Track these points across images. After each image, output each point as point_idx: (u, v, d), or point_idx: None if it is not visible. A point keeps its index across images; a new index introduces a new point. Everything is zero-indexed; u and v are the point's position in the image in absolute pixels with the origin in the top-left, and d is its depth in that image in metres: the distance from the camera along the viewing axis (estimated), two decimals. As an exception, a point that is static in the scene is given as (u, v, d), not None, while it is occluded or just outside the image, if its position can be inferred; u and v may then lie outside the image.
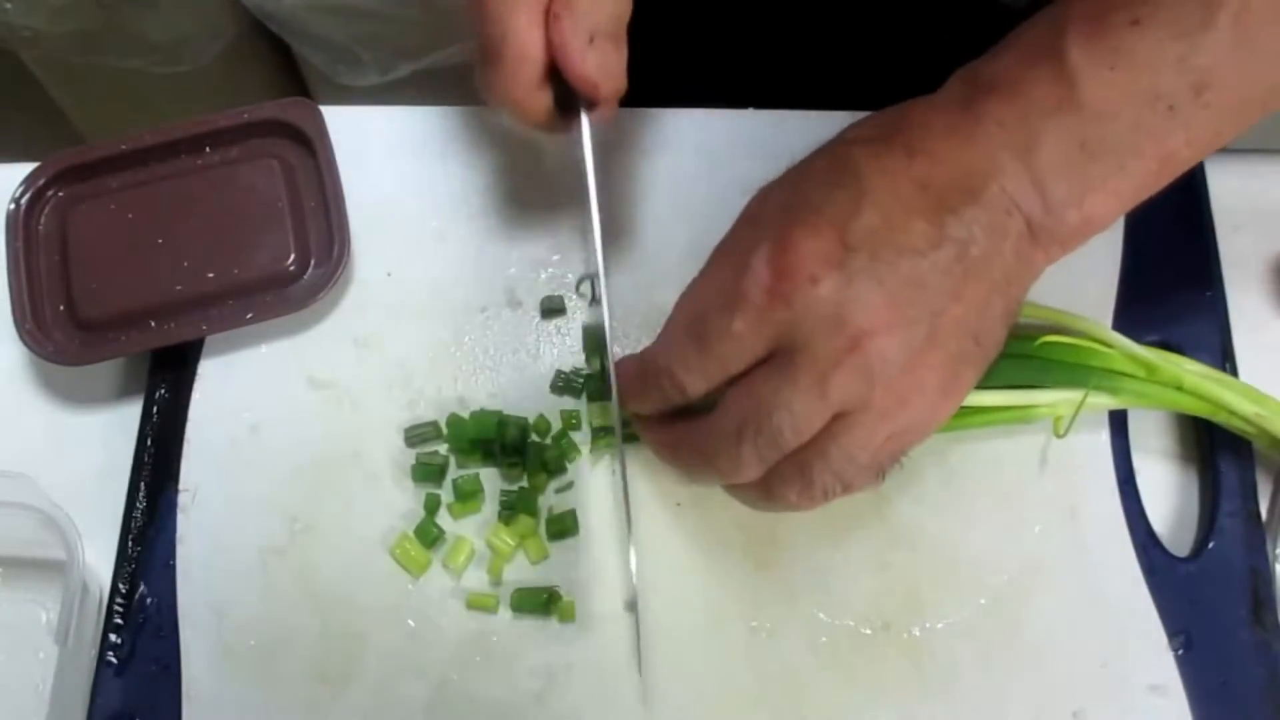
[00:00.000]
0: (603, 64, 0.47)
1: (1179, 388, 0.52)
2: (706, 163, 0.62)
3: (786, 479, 0.43)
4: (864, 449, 0.42)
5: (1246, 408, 0.51)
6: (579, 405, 0.56)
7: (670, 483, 0.54)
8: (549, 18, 0.47)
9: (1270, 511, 0.53)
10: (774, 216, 0.43)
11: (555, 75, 0.48)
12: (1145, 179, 0.42)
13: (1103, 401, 0.52)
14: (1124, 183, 0.41)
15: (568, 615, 0.52)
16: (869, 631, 0.51)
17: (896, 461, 0.44)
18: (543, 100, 0.49)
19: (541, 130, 0.51)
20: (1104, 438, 0.55)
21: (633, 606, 0.51)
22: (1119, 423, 0.55)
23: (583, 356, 0.57)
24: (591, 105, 0.49)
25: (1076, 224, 0.41)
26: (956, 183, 0.41)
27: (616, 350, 0.57)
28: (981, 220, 0.40)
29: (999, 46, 0.43)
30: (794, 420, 0.40)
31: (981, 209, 0.40)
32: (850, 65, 0.70)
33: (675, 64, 0.80)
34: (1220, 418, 0.52)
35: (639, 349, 0.56)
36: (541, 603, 0.51)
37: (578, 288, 0.58)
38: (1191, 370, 0.53)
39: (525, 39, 0.47)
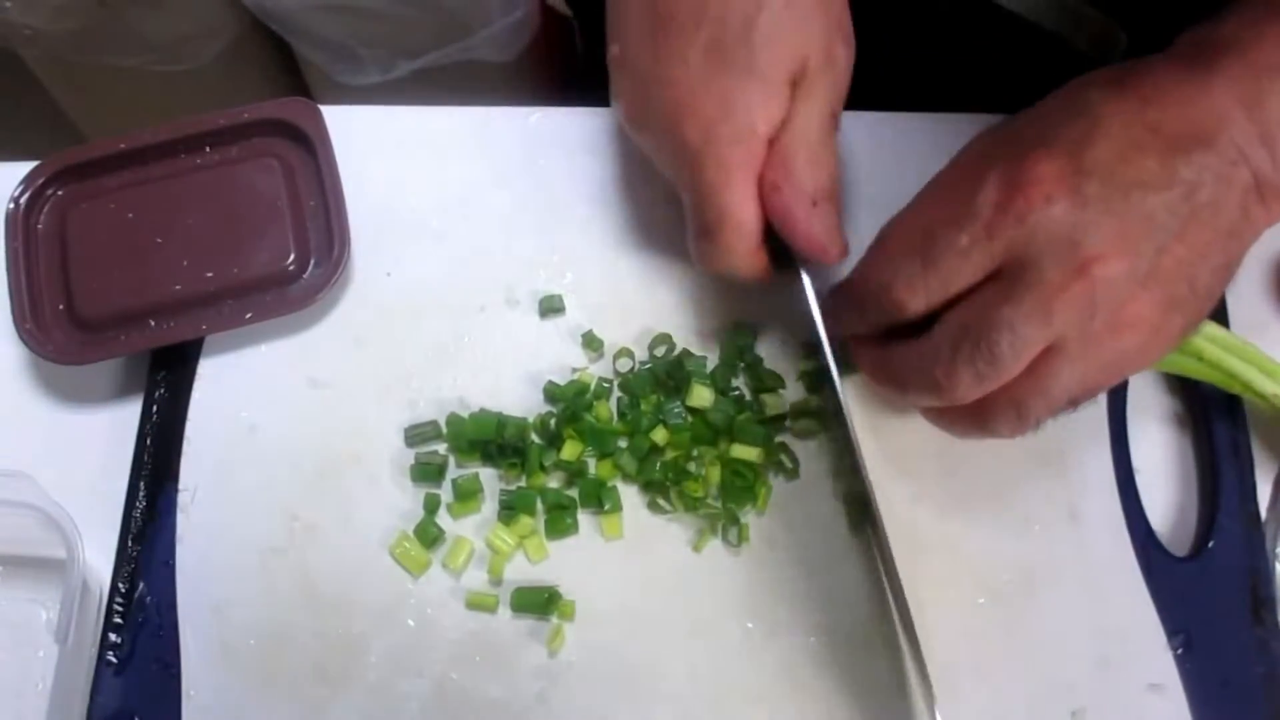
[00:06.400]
0: (826, 226, 0.48)
1: (1199, 358, 0.52)
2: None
3: (1002, 413, 0.43)
4: (1080, 383, 0.42)
5: (1267, 387, 0.51)
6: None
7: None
8: (765, 188, 0.48)
9: (1270, 511, 0.53)
10: (1005, 145, 0.43)
11: (769, 232, 0.49)
12: None
13: None
14: None
15: (567, 615, 0.52)
16: (869, 631, 0.51)
17: (1093, 397, 0.44)
18: (761, 261, 0.50)
19: (757, 284, 0.52)
20: (1104, 437, 0.54)
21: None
22: (1119, 423, 0.55)
23: (580, 354, 0.57)
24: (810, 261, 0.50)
25: None
26: (1188, 130, 0.41)
27: (592, 368, 0.57)
28: (1211, 166, 0.41)
29: (1225, 11, 0.44)
30: (1014, 340, 0.41)
31: (1212, 155, 0.41)
32: (860, 71, 0.70)
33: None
34: (1235, 389, 0.52)
35: (638, 349, 0.57)
36: (541, 603, 0.51)
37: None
38: (1213, 336, 0.52)
39: (743, 214, 0.48)
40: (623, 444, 0.54)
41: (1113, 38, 0.63)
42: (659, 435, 0.54)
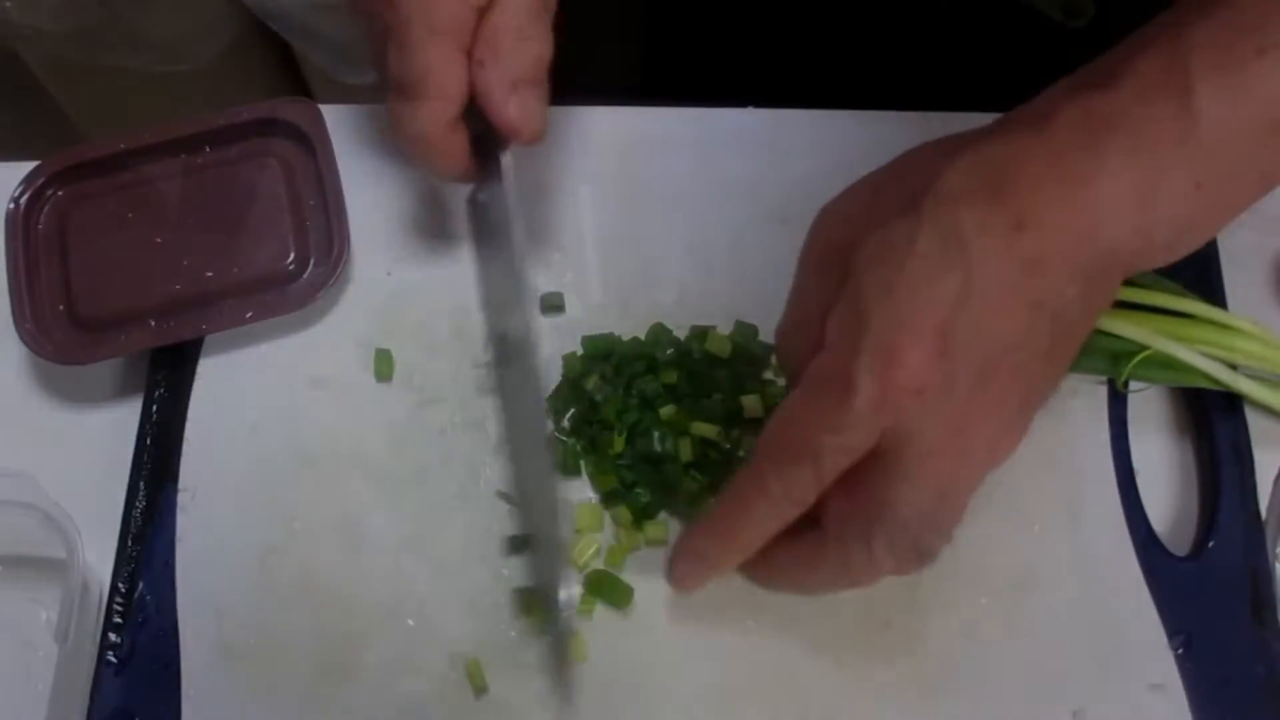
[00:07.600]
0: (525, 110, 0.49)
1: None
2: (705, 161, 0.62)
3: (910, 564, 0.43)
4: (966, 506, 0.43)
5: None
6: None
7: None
8: (472, 64, 0.48)
9: (1270, 511, 0.53)
10: (871, 297, 0.40)
11: (469, 117, 0.49)
12: (1247, 204, 0.41)
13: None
14: (1226, 214, 0.41)
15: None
16: (869, 631, 0.51)
17: None
18: (459, 142, 0.50)
19: (447, 177, 0.52)
20: (1104, 438, 0.55)
21: None
22: (1119, 423, 0.55)
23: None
24: (506, 147, 0.51)
25: (1171, 254, 0.41)
26: (1064, 252, 0.39)
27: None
28: (1080, 287, 0.40)
29: (1111, 71, 0.41)
30: (915, 510, 0.41)
31: (1083, 279, 0.39)
32: (850, 62, 0.70)
33: (676, 61, 0.80)
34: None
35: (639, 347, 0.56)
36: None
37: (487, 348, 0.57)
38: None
39: (446, 77, 0.47)
40: (623, 444, 0.54)
41: (1082, 7, 0.63)
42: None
